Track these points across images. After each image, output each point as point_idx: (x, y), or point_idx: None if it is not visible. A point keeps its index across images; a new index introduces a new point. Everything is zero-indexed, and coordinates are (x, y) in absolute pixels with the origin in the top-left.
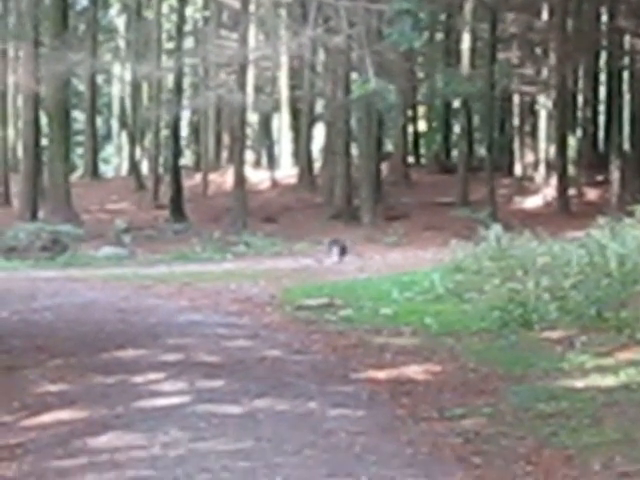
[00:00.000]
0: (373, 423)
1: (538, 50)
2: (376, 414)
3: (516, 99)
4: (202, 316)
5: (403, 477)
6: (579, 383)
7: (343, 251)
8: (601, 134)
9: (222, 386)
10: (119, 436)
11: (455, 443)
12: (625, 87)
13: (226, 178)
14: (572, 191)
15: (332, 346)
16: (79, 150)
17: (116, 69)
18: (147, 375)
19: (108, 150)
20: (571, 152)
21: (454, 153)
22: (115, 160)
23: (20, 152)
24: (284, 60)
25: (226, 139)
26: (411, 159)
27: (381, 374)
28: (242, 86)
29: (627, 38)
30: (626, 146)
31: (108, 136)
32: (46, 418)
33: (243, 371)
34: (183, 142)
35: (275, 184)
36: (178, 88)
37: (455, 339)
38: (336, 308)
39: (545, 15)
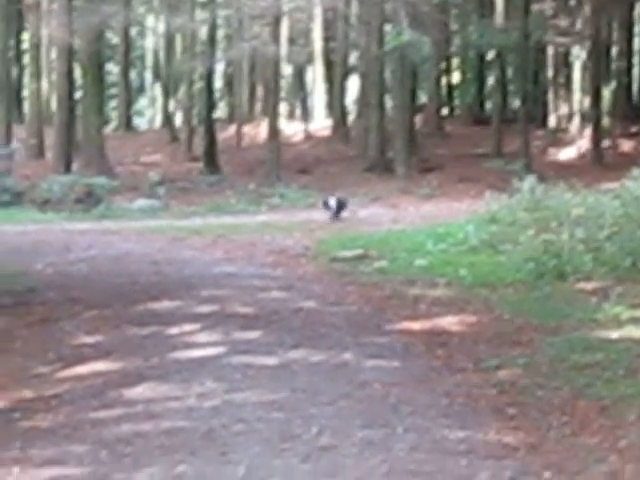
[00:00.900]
0: (408, 374)
1: (572, 1)
2: (411, 365)
3: (550, 50)
4: (237, 268)
5: (438, 428)
6: (614, 334)
7: (340, 208)
8: (635, 86)
9: (257, 337)
10: (154, 387)
11: (490, 394)
12: None
13: (260, 130)
14: (606, 142)
15: (367, 297)
16: (113, 103)
17: (150, 21)
18: (182, 326)
19: (141, 102)
20: (605, 104)
21: (488, 105)
22: (149, 112)
23: (54, 105)
24: (318, 12)
25: (260, 91)
26: (445, 111)
27: (416, 325)
28: (276, 38)
29: None
30: None
31: (141, 88)
32: (81, 369)
33: (278, 322)
34: (217, 94)
35: (309, 136)
36: (212, 40)
37: (490, 290)
38: (370, 260)
39: None
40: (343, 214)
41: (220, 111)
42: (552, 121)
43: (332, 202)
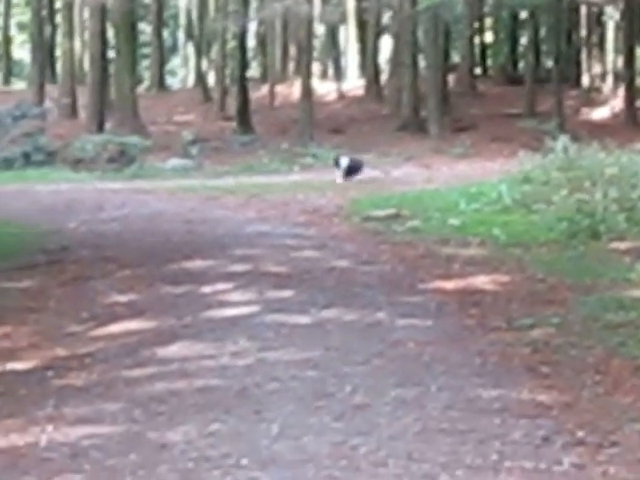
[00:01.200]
0: (441, 333)
1: None
2: (444, 324)
3: (583, 10)
4: (270, 227)
5: (472, 387)
6: None
7: (352, 170)
8: None
9: (290, 296)
10: (188, 346)
11: (524, 353)
12: None
13: (293, 90)
14: None
15: (400, 257)
16: (145, 62)
17: None
18: (215, 285)
19: (174, 62)
20: (639, 63)
21: (521, 64)
22: (181, 72)
23: (86, 65)
24: None
25: (292, 51)
26: (478, 70)
27: (449, 284)
28: None
29: None
30: None
31: (174, 48)
32: (115, 328)
33: (311, 281)
34: (250, 54)
35: (342, 96)
36: None
37: (523, 250)
38: (404, 219)
39: None
40: (356, 176)
41: (253, 71)
42: (585, 81)
43: (344, 162)
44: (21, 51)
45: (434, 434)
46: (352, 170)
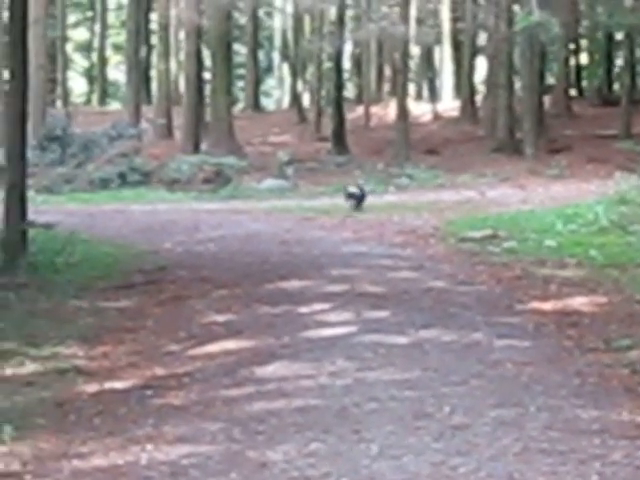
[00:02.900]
0: (539, 354)
1: None
2: (542, 345)
3: None
4: (366, 247)
5: (571, 407)
6: None
7: (361, 197)
8: None
9: (388, 317)
10: (286, 365)
11: (622, 374)
12: None
13: (388, 111)
14: None
15: (496, 277)
16: (240, 83)
17: (278, 1)
18: (312, 305)
19: (269, 83)
20: None
21: (616, 86)
22: (276, 93)
23: (182, 85)
24: None
25: (387, 71)
26: (573, 92)
27: (546, 305)
28: (405, 18)
29: None
30: None
31: (269, 69)
32: (213, 348)
33: (408, 302)
34: (345, 75)
35: (437, 116)
36: (340, 20)
37: (620, 271)
38: (500, 240)
39: None
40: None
41: (348, 92)
42: None
43: (354, 191)
44: (116, 72)
45: (534, 454)
46: (361, 197)
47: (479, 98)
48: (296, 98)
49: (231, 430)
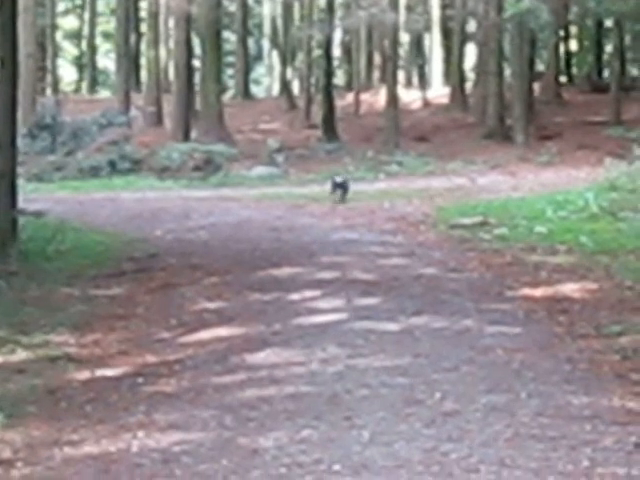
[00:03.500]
0: (530, 340)
1: None
2: (533, 331)
3: None
4: (356, 234)
5: (562, 393)
6: None
7: (346, 189)
8: None
9: (379, 303)
10: (277, 352)
11: (613, 360)
12: None
13: (378, 98)
14: None
15: (487, 264)
16: (230, 71)
17: None
18: (303, 292)
19: (259, 70)
20: None
21: (606, 72)
22: (266, 80)
23: (171, 73)
24: None
25: (377, 59)
26: (563, 78)
27: (537, 292)
28: (394, 5)
29: None
30: None
31: (259, 56)
32: (204, 335)
33: (399, 289)
34: (335, 62)
35: (427, 103)
36: (330, 7)
37: (611, 257)
38: (490, 226)
39: None
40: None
41: (338, 79)
42: None
43: (341, 181)
44: (106, 60)
45: (525, 440)
46: (345, 188)
47: (469, 85)
48: (286, 85)
49: (222, 417)
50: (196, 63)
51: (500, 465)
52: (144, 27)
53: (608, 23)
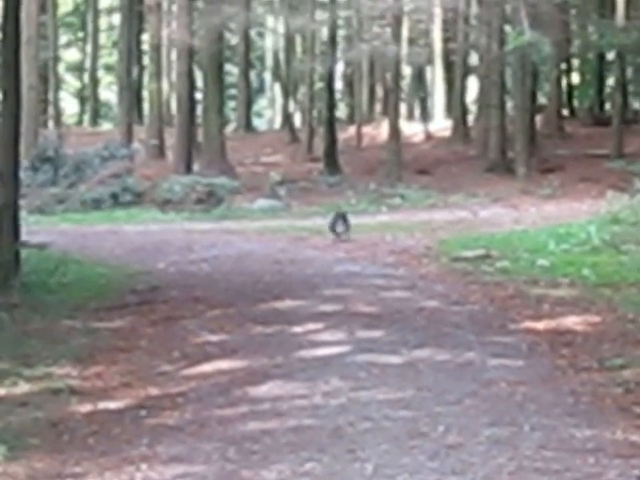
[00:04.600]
0: (533, 373)
1: None
2: (536, 364)
3: None
4: (359, 267)
5: (565, 426)
6: None
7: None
8: None
9: (381, 336)
10: (280, 385)
11: (616, 393)
12: None
13: (380, 131)
14: None
15: (490, 297)
16: (232, 104)
17: (270, 22)
18: (306, 325)
19: (261, 103)
20: None
21: (607, 106)
22: (268, 113)
23: (174, 106)
24: (438, 12)
25: (379, 92)
26: (565, 112)
27: (540, 325)
28: (396, 38)
29: None
30: None
31: (261, 89)
32: (206, 367)
33: (402, 321)
34: (337, 95)
35: (429, 136)
36: (332, 40)
37: (613, 290)
38: (493, 259)
39: None
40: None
41: (340, 112)
42: None
43: (340, 224)
44: (108, 92)
45: (529, 473)
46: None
47: (471, 118)
48: (288, 118)
49: (225, 450)
50: (198, 96)
51: None
52: (146, 60)
53: (610, 56)
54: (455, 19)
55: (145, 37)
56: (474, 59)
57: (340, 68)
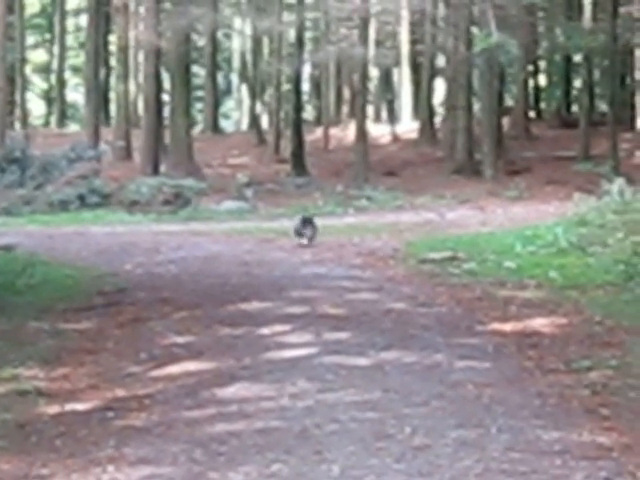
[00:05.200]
0: (500, 375)
1: None
2: (503, 366)
3: (637, 53)
4: (326, 269)
5: (532, 428)
6: None
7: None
8: None
9: (348, 338)
10: (247, 387)
11: (583, 395)
12: None
13: (347, 132)
14: None
15: (457, 299)
16: (199, 105)
17: (237, 23)
18: (273, 327)
19: (228, 105)
20: None
21: (574, 108)
22: (235, 115)
23: (141, 107)
24: (405, 14)
25: (347, 93)
26: (532, 114)
27: (507, 327)
28: (364, 40)
29: None
30: None
31: (228, 91)
32: (174, 369)
33: (369, 323)
34: (304, 97)
35: (396, 138)
36: (299, 42)
37: (580, 292)
38: (460, 261)
39: None
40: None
41: (307, 114)
42: (639, 124)
43: (307, 230)
44: (75, 94)
45: (495, 475)
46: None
47: (438, 120)
48: (255, 120)
49: (192, 451)
50: (165, 97)
51: None
52: (113, 61)
53: (577, 58)
54: (422, 21)
55: (112, 38)
56: (441, 61)
57: (307, 70)
